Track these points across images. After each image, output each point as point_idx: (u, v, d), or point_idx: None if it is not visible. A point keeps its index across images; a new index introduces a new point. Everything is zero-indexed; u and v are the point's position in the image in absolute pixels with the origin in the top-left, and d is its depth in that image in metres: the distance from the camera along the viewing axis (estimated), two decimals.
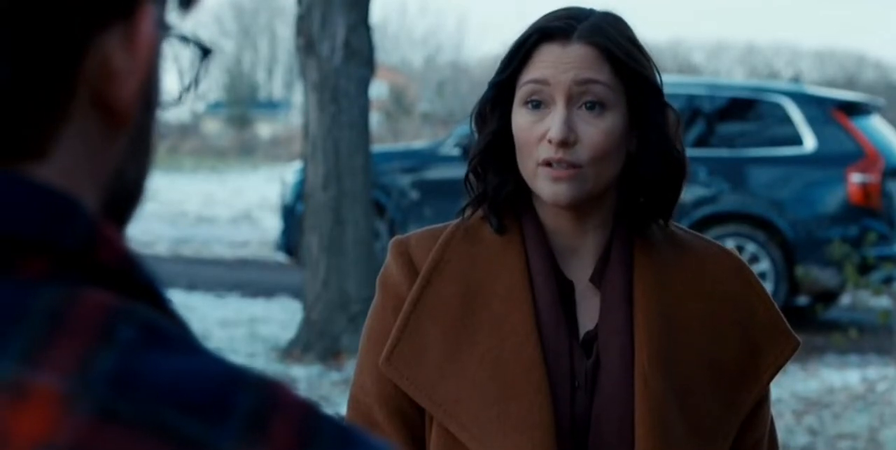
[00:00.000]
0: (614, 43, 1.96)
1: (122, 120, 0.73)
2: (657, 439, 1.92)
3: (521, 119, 1.97)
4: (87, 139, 0.73)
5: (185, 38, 0.79)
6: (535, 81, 1.96)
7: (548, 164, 1.94)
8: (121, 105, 0.73)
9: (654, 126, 1.98)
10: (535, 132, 1.95)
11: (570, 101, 1.95)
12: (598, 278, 2.01)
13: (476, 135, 2.04)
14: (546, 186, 1.95)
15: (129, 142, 0.75)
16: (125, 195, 0.77)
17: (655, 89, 1.99)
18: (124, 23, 0.72)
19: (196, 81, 0.80)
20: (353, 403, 2.04)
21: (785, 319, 2.07)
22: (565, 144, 1.93)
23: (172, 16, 0.77)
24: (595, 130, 1.94)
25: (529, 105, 1.97)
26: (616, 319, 1.98)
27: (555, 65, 1.95)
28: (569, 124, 1.94)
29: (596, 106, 1.95)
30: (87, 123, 0.72)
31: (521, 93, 1.98)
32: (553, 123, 1.94)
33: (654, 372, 1.94)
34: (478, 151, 2.02)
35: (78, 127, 0.72)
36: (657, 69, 2.01)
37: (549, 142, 1.93)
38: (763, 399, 2.05)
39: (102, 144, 0.74)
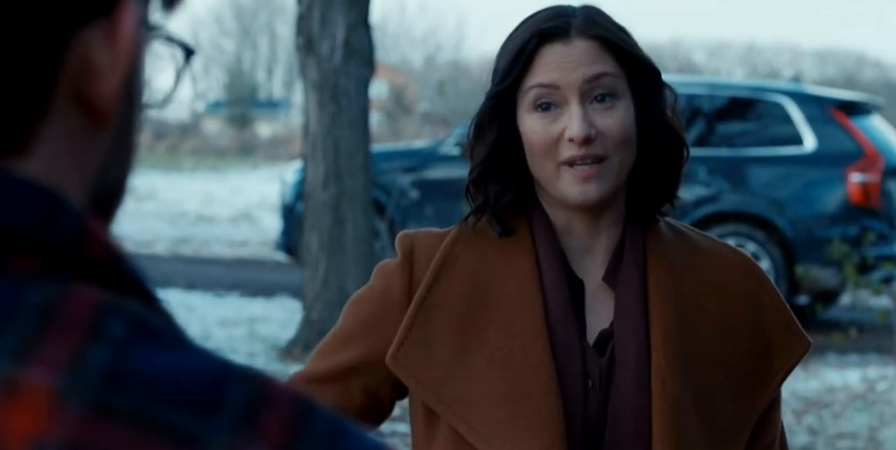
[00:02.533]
0: (610, 32, 1.97)
1: (104, 118, 0.73)
2: (675, 441, 1.90)
3: (532, 124, 1.96)
4: (70, 137, 0.72)
5: (169, 39, 0.78)
6: (544, 86, 1.95)
7: (570, 164, 1.93)
8: (103, 103, 0.72)
9: (657, 107, 1.99)
10: (551, 133, 1.94)
11: (583, 97, 1.95)
12: (611, 277, 1.99)
13: (475, 146, 2.01)
14: (573, 187, 1.94)
15: (112, 141, 0.75)
16: (108, 195, 0.76)
17: (654, 70, 2.00)
18: (106, 20, 0.72)
19: (180, 82, 0.80)
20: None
21: (796, 320, 2.06)
22: (588, 140, 1.93)
23: (158, 16, 0.77)
24: (612, 121, 1.94)
25: (539, 109, 1.96)
26: (632, 319, 1.96)
27: (561, 66, 1.95)
28: (587, 120, 1.93)
29: (607, 97, 1.95)
30: (70, 120, 0.72)
31: (527, 98, 1.96)
32: (572, 121, 1.93)
33: (671, 373, 1.93)
34: (479, 162, 2.00)
35: (60, 124, 0.72)
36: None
37: (571, 141, 1.93)
38: (775, 401, 2.05)
39: (86, 142, 0.73)
